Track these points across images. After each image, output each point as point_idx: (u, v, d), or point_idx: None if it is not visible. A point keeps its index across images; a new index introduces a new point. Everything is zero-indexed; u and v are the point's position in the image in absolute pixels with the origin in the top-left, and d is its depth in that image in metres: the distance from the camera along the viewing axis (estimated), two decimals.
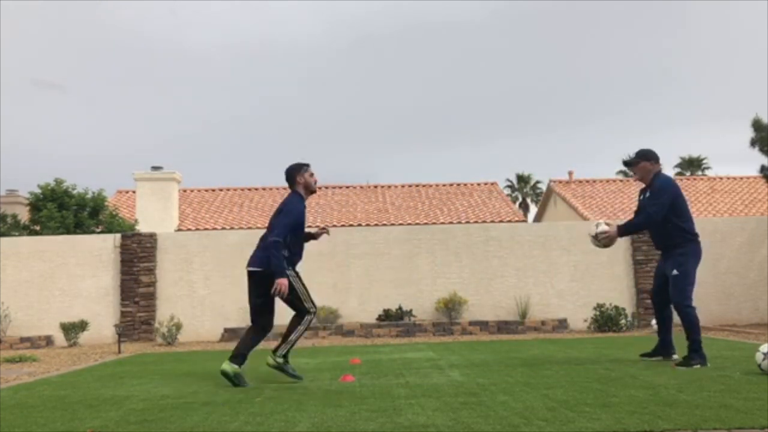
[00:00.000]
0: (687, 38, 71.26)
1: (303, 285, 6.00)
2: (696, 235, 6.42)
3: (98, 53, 70.15)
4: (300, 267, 6.13)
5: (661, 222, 6.38)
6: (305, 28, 75.63)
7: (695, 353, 6.13)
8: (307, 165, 6.19)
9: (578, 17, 71.54)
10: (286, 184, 6.22)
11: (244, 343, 5.92)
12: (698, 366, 6.01)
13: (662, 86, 71.05)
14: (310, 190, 6.19)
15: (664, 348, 6.60)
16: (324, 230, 6.41)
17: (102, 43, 69.68)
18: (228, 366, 5.79)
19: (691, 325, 6.18)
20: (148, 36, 73.45)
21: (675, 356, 6.46)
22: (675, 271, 6.29)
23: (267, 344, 6.76)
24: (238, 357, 5.83)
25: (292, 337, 5.94)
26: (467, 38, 72.67)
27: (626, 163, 6.76)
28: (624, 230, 6.63)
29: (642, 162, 6.57)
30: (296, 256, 6.05)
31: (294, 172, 6.13)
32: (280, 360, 5.94)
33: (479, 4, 73.56)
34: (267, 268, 5.80)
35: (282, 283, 5.69)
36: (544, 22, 71.51)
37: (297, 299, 5.92)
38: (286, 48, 75.02)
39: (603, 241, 6.70)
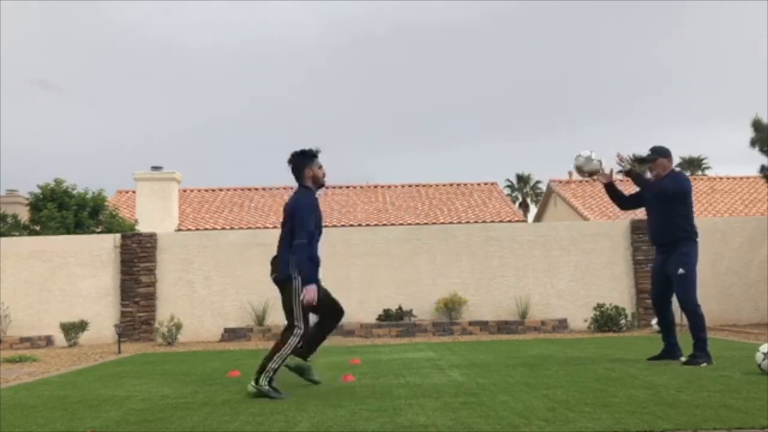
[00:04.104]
0: (687, 38, 71.31)
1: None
2: (697, 235, 6.46)
3: (97, 53, 70.20)
4: None
5: (663, 213, 6.40)
6: (304, 27, 75.67)
7: (702, 352, 6.19)
8: (315, 155, 5.55)
9: (578, 17, 71.58)
10: (286, 184, 6.10)
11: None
12: (705, 364, 6.07)
13: (662, 86, 71.10)
14: (319, 184, 5.60)
15: (670, 351, 6.58)
16: None
17: (101, 43, 69.71)
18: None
19: (698, 325, 6.23)
20: (147, 36, 73.50)
21: (682, 358, 6.45)
22: (681, 270, 6.28)
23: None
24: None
25: (271, 365, 5.15)
26: (467, 38, 72.71)
27: (642, 160, 6.71)
28: (637, 177, 6.62)
29: (660, 158, 6.59)
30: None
31: (302, 164, 5.50)
32: (264, 384, 5.12)
33: (479, 4, 73.61)
34: (284, 276, 5.30)
35: (309, 290, 5.17)
36: (544, 22, 71.56)
37: (290, 311, 5.28)
38: (285, 47, 75.07)
39: (592, 169, 6.68)
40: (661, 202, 6.46)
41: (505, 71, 72.18)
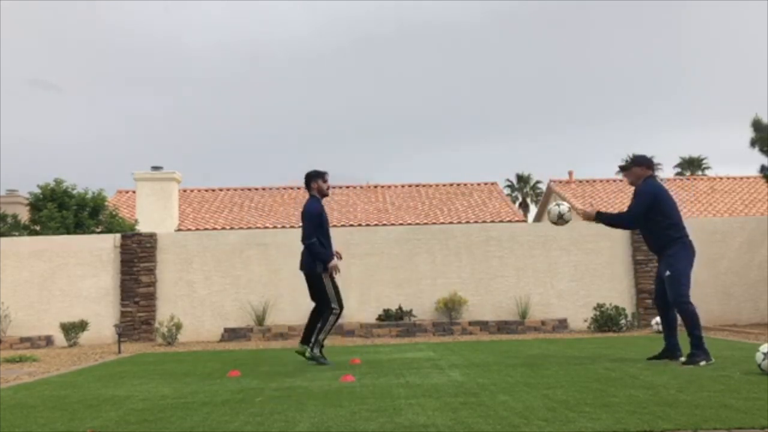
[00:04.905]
0: (687, 39, 71.30)
1: (334, 284, 7.06)
2: (684, 234, 6.49)
3: (97, 53, 70.18)
4: None
5: (647, 225, 6.59)
6: (305, 27, 75.65)
7: (698, 349, 6.21)
8: (324, 173, 7.24)
9: (579, 18, 71.59)
10: (286, 184, 6.68)
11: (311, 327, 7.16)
12: (703, 362, 6.08)
13: (662, 86, 71.11)
14: (323, 195, 7.26)
15: (670, 351, 6.63)
16: (336, 254, 7.23)
17: (101, 43, 69.72)
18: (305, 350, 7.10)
19: (691, 322, 6.26)
20: (147, 36, 73.47)
21: (681, 358, 6.47)
22: (667, 272, 6.44)
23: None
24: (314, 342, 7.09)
25: (316, 338, 7.03)
26: (467, 38, 72.71)
27: (621, 168, 7.07)
28: (603, 217, 6.86)
29: (634, 167, 6.78)
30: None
31: (310, 179, 7.26)
32: (316, 352, 7.03)
33: (479, 4, 73.61)
34: (309, 270, 7.02)
35: (332, 265, 6.97)
36: (544, 22, 71.56)
37: (323, 294, 7.00)
38: (285, 47, 75.06)
39: (567, 216, 6.88)
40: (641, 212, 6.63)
41: (506, 71, 72.21)
